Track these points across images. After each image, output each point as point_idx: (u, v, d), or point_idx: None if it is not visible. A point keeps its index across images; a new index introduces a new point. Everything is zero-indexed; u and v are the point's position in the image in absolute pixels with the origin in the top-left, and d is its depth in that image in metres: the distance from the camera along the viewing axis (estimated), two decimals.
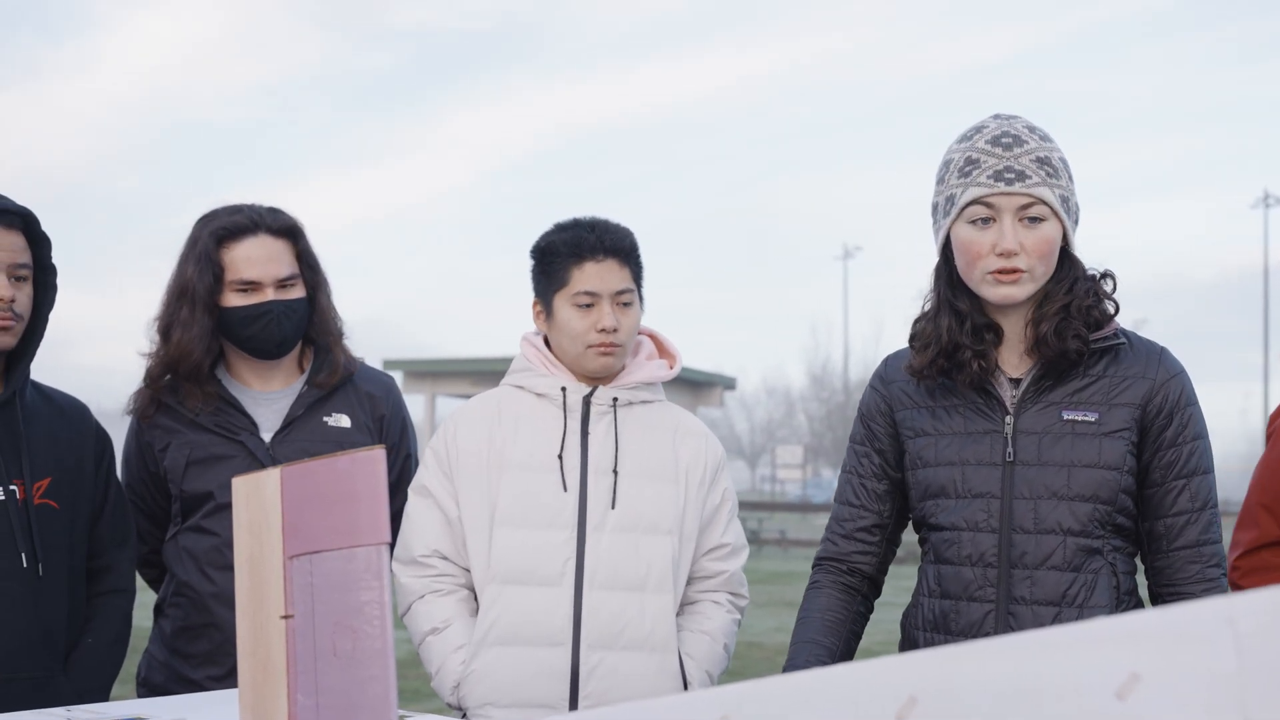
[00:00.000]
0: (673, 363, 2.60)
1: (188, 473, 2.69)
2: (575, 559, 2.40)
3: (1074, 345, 2.05)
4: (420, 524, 2.48)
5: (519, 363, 2.56)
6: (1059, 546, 2.04)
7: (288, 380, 2.80)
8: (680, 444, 2.53)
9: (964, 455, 2.12)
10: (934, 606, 2.15)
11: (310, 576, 1.47)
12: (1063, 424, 2.06)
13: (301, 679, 1.45)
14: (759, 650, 9.87)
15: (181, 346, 2.67)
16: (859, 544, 2.27)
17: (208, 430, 2.71)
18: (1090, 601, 2.04)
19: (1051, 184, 2.04)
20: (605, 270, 2.45)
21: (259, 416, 2.74)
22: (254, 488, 1.53)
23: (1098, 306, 2.07)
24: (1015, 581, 2.06)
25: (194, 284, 2.66)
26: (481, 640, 2.39)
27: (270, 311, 2.68)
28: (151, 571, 2.87)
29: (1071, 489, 2.04)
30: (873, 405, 2.27)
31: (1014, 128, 2.08)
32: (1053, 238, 2.05)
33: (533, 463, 2.44)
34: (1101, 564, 2.06)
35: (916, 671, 1.05)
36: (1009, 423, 2.10)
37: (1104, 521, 2.05)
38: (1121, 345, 2.09)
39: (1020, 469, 2.07)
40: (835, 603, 2.25)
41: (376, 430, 2.83)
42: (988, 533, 2.09)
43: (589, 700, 2.35)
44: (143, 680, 2.78)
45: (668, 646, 2.42)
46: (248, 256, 2.67)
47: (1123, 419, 2.05)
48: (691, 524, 2.49)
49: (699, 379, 28.34)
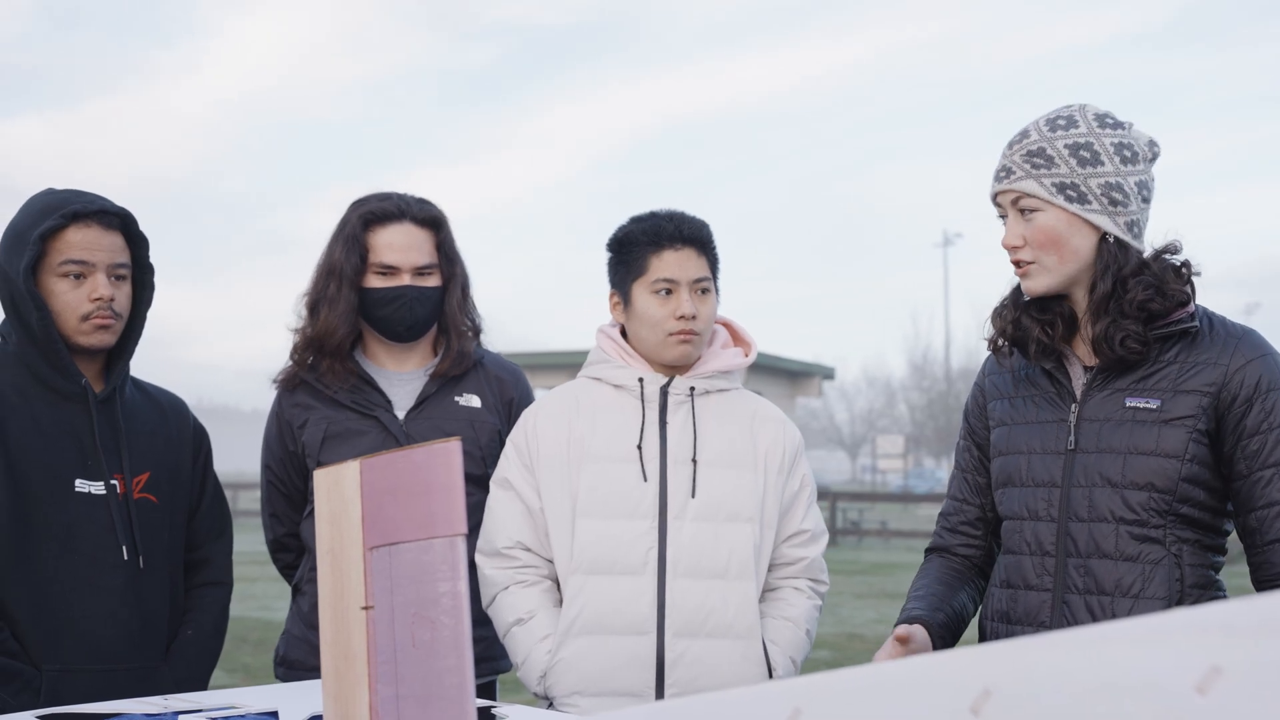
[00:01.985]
0: (748, 350, 2.61)
1: (324, 447, 2.80)
2: (657, 548, 2.41)
3: (1130, 347, 2.01)
4: (502, 516, 2.50)
5: (595, 355, 2.58)
6: (1112, 535, 2.00)
7: (421, 363, 2.91)
8: (758, 431, 2.53)
9: (1031, 444, 2.11)
10: (1001, 596, 2.14)
11: (389, 568, 1.49)
12: (1125, 411, 2.03)
13: (381, 669, 1.47)
14: (860, 642, 9.80)
15: (328, 323, 2.80)
16: (963, 536, 2.29)
17: (345, 407, 2.82)
18: (1146, 593, 1.98)
19: (1039, 175, 2.03)
20: (683, 258, 2.47)
21: (394, 395, 2.85)
22: (334, 479, 1.55)
23: (1156, 299, 2.01)
24: (1070, 570, 2.04)
25: (341, 263, 2.79)
26: (567, 630, 2.41)
27: (404, 295, 2.79)
28: (286, 556, 2.98)
29: (1126, 477, 2.00)
30: (972, 400, 2.31)
31: (1036, 122, 2.09)
32: (1049, 227, 2.03)
33: (612, 453, 2.46)
34: (1162, 555, 1.99)
35: (991, 663, 1.03)
36: (1074, 410, 2.08)
37: (1163, 510, 1.99)
38: (1194, 329, 2.03)
39: (1080, 457, 2.05)
40: (946, 573, 2.27)
41: (506, 412, 2.92)
42: (1047, 521, 2.07)
43: (675, 688, 2.36)
44: (281, 659, 2.89)
45: (752, 633, 2.42)
46: (390, 242, 2.80)
47: (1188, 406, 1.99)
48: (771, 510, 2.49)
49: (797, 369, 28.18)
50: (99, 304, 2.41)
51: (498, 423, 2.88)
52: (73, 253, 2.40)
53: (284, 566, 2.99)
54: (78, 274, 2.41)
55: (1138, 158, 2.05)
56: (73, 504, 2.39)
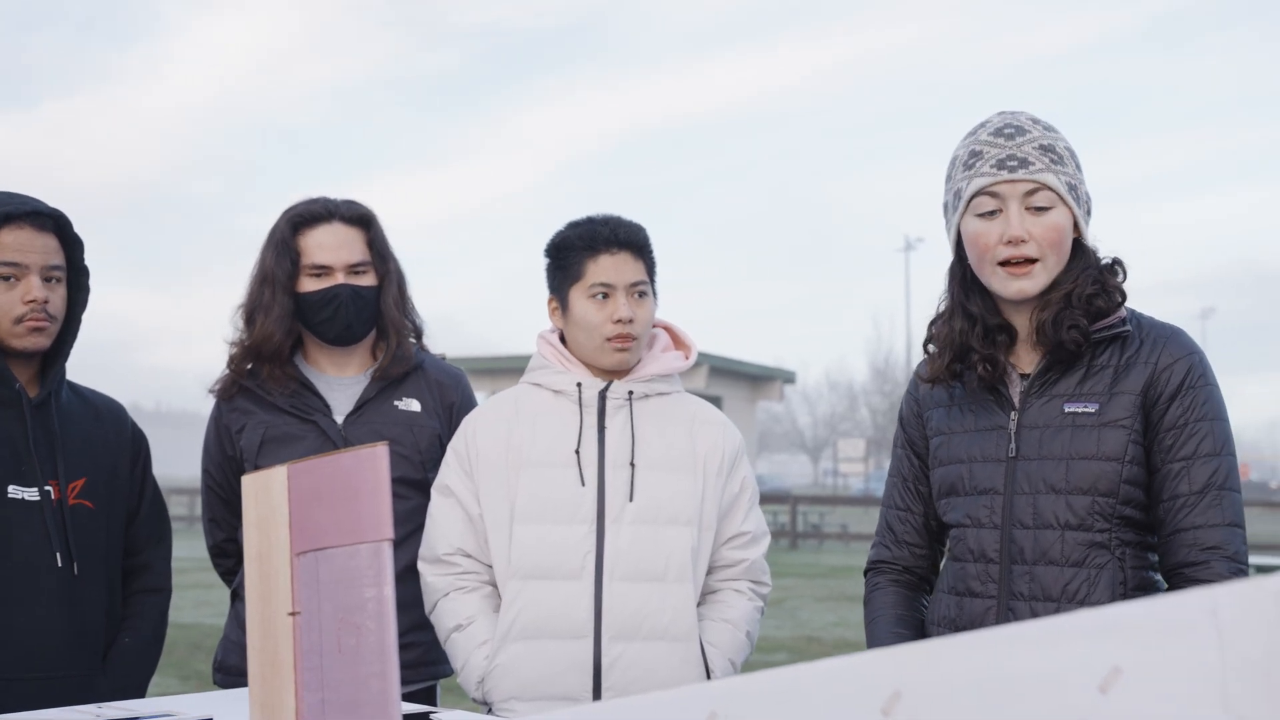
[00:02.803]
0: (688, 354, 2.61)
1: (262, 451, 2.80)
2: (595, 552, 2.41)
3: (1070, 336, 2.01)
4: (443, 523, 2.50)
5: (536, 360, 2.59)
6: (1057, 541, 2.01)
7: (362, 367, 2.90)
8: (698, 434, 2.53)
9: (972, 452, 2.11)
10: (948, 603, 2.14)
11: (316, 573, 1.48)
12: (1064, 416, 2.03)
13: (308, 675, 1.46)
14: (818, 645, 9.82)
15: (264, 330, 2.79)
16: (909, 548, 2.27)
17: (283, 411, 2.82)
18: (1092, 598, 1.99)
19: (1056, 170, 2.01)
20: (619, 262, 2.48)
21: (332, 399, 2.85)
22: (262, 485, 1.54)
23: (1100, 295, 2.02)
24: (1015, 577, 2.04)
25: (273, 269, 2.79)
26: (505, 635, 2.41)
27: (339, 295, 2.78)
28: (226, 562, 2.96)
29: (1069, 483, 2.00)
30: (907, 408, 2.28)
31: (1016, 119, 2.06)
32: (1061, 225, 2.02)
33: (551, 459, 2.46)
34: (1106, 559, 2.00)
35: (902, 665, 1.04)
36: (1014, 418, 2.08)
37: (1106, 514, 2.00)
38: (1126, 333, 2.04)
39: (1022, 464, 2.05)
40: (901, 599, 2.25)
41: (447, 417, 2.91)
42: (990, 529, 2.07)
43: (612, 692, 2.36)
44: (219, 665, 2.87)
45: (689, 636, 2.42)
46: (320, 242, 2.80)
47: (1124, 408, 2.00)
48: (710, 513, 2.49)
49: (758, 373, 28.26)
50: (33, 306, 2.39)
51: (438, 427, 2.88)
52: (5, 254, 2.37)
53: (224, 572, 2.98)
54: (10, 276, 2.39)
55: None
56: (5, 510, 2.36)
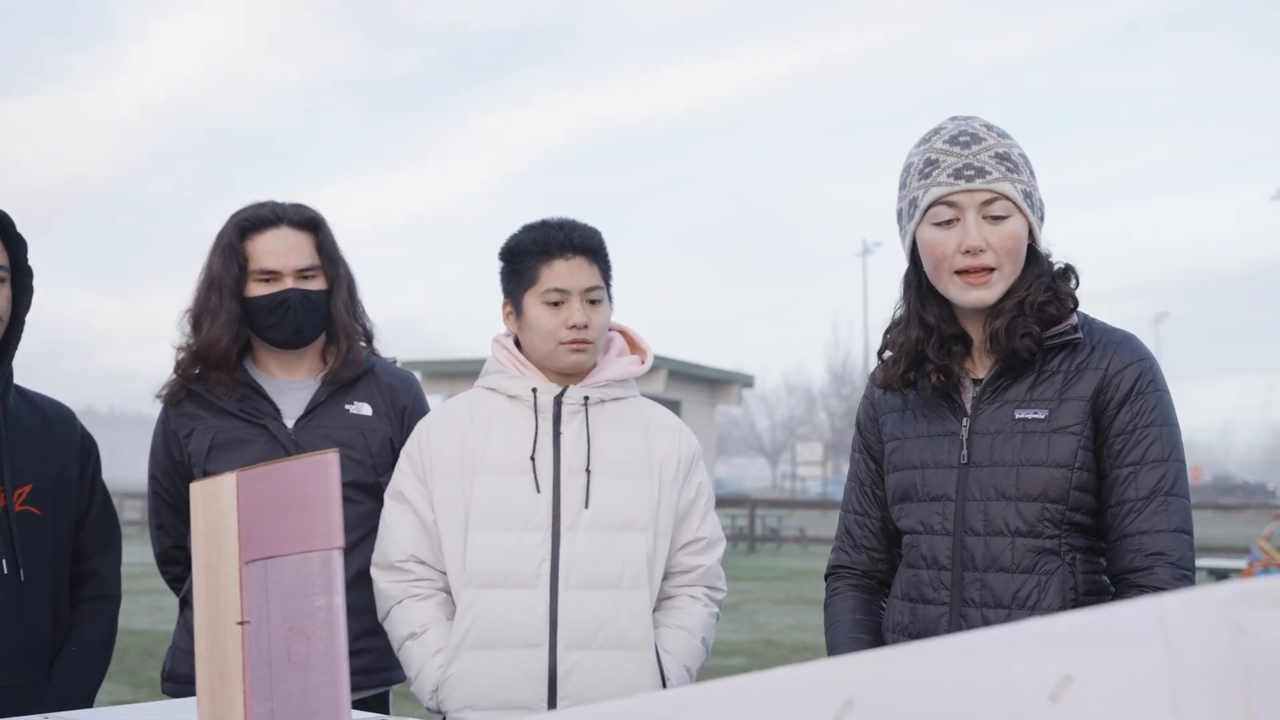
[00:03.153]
0: (644, 358, 2.60)
1: (210, 456, 2.77)
2: (550, 560, 2.39)
3: (1023, 344, 2.01)
4: (396, 529, 2.48)
5: (490, 365, 2.57)
6: (1008, 548, 2.01)
7: (312, 371, 2.88)
8: (653, 439, 2.52)
9: (925, 458, 2.11)
10: (902, 609, 2.14)
11: (265, 582, 1.47)
12: (1014, 423, 2.03)
13: (256, 685, 1.45)
14: (776, 649, 9.83)
15: (210, 335, 2.76)
16: (868, 552, 2.26)
17: (232, 416, 2.79)
18: (1042, 604, 1.99)
19: (1013, 179, 2.01)
20: (574, 267, 2.46)
21: (282, 404, 2.83)
22: (211, 492, 1.52)
23: (1053, 303, 2.03)
24: (966, 584, 2.04)
25: (220, 274, 2.76)
26: (459, 644, 2.38)
27: (288, 300, 2.76)
28: (174, 569, 2.93)
29: (1020, 489, 2.00)
30: (864, 412, 2.28)
31: (971, 126, 2.05)
32: (1018, 233, 2.02)
33: (506, 465, 2.44)
34: (1057, 565, 2.00)
35: (854, 674, 1.04)
36: (966, 424, 2.08)
37: (1057, 520, 2.00)
38: (1077, 339, 2.05)
39: (974, 470, 2.05)
40: (860, 603, 2.24)
41: (399, 420, 2.89)
42: (942, 535, 2.07)
43: (567, 700, 2.35)
44: (168, 674, 2.84)
45: (645, 644, 2.41)
46: (269, 247, 2.77)
47: (1074, 414, 2.00)
48: (666, 519, 2.48)
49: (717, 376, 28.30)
50: None
51: (390, 431, 2.86)
52: None
53: (172, 579, 2.95)
54: None
55: None
56: None
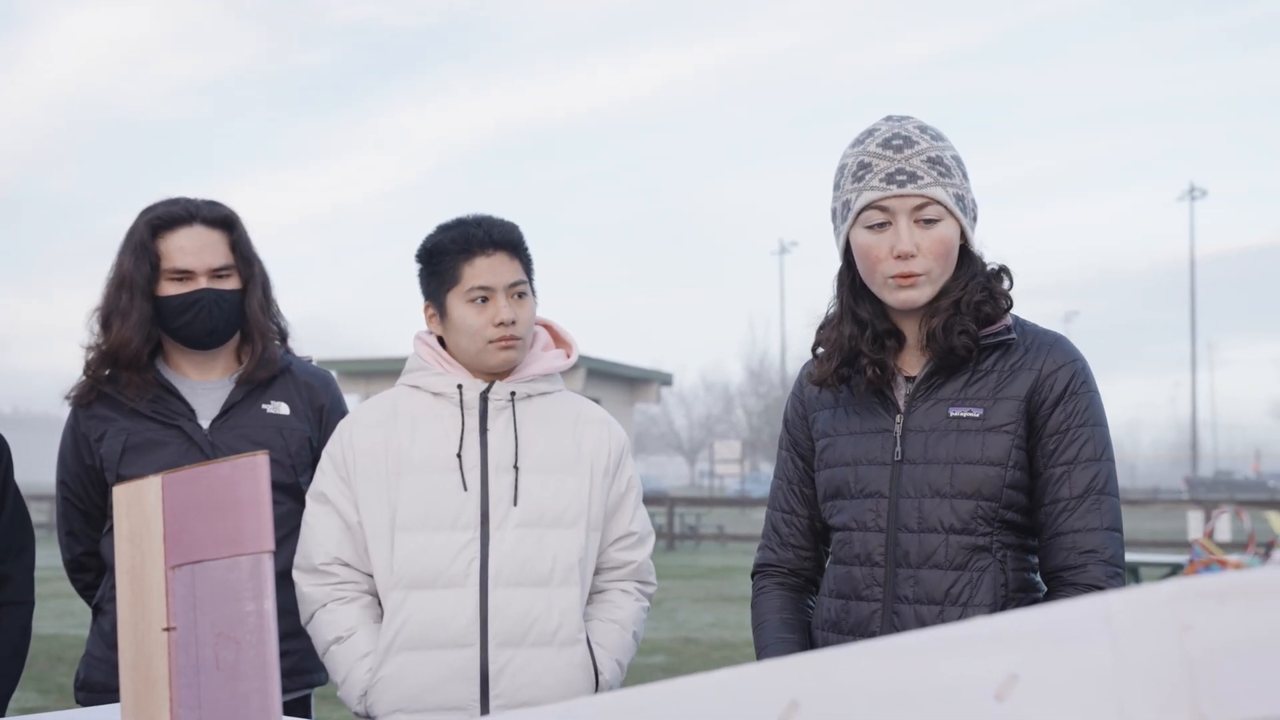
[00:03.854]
0: (570, 352, 2.58)
1: (124, 459, 2.70)
2: (479, 559, 2.36)
3: (960, 342, 2.03)
4: (319, 531, 2.43)
5: (413, 362, 2.52)
6: (941, 545, 2.03)
7: (226, 371, 2.82)
8: (582, 433, 2.50)
9: (857, 455, 2.12)
10: (832, 606, 2.15)
11: (192, 587, 1.44)
12: (949, 421, 2.05)
13: (184, 693, 1.41)
14: (695, 646, 9.86)
15: (121, 336, 2.69)
16: (795, 550, 2.27)
17: (145, 417, 2.73)
18: (974, 600, 2.01)
19: (944, 183, 2.03)
20: (496, 264, 2.43)
21: (197, 404, 2.76)
22: (135, 495, 1.49)
23: (989, 302, 2.05)
24: (900, 581, 2.05)
25: (131, 274, 2.69)
26: (388, 647, 2.35)
27: (201, 300, 2.70)
28: (86, 576, 2.86)
29: (954, 486, 2.02)
30: (792, 410, 2.29)
31: (905, 129, 2.06)
32: (949, 237, 2.04)
33: (432, 464, 2.40)
34: (989, 562, 2.03)
35: (798, 675, 1.03)
36: (899, 421, 2.09)
37: (989, 518, 2.02)
38: (1011, 339, 2.07)
39: (907, 468, 2.06)
40: (786, 601, 2.25)
41: (316, 419, 2.85)
42: (876, 532, 2.08)
43: (500, 700, 2.33)
44: (81, 683, 2.77)
45: (577, 639, 2.39)
46: (181, 246, 2.71)
47: (1007, 413, 2.03)
48: (597, 513, 2.47)
49: (636, 375, 28.33)
50: None
51: (308, 430, 2.82)
52: None
53: (84, 587, 2.87)
54: None
55: None
56: None
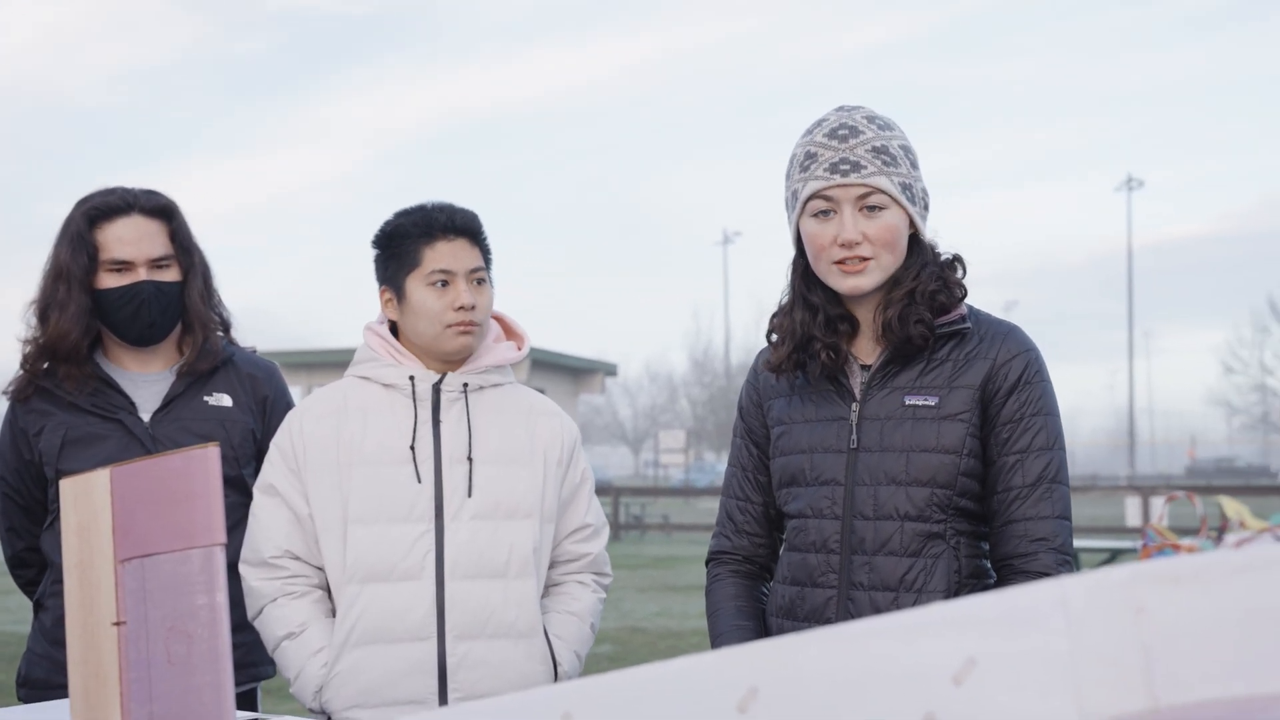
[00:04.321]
0: (521, 344, 2.57)
1: (63, 453, 2.66)
2: (435, 551, 2.35)
3: (917, 330, 2.05)
4: (269, 524, 2.41)
5: (363, 353, 2.50)
6: (896, 532, 2.05)
7: (167, 363, 2.78)
8: (535, 425, 2.50)
9: (813, 443, 2.14)
10: (787, 593, 2.16)
11: (143, 581, 1.42)
12: (904, 409, 2.07)
13: (134, 688, 1.40)
14: (641, 635, 9.89)
15: (59, 328, 2.64)
16: (750, 538, 2.28)
17: (85, 411, 2.68)
18: (928, 586, 2.04)
19: (889, 172, 2.05)
20: (458, 248, 2.42)
21: (137, 397, 2.72)
22: (82, 489, 1.47)
23: (943, 291, 2.07)
24: (855, 568, 2.08)
25: (69, 265, 2.65)
26: (344, 642, 2.33)
27: (141, 292, 2.66)
28: (27, 572, 2.82)
29: (909, 474, 2.05)
30: (746, 398, 2.30)
31: (852, 119, 2.08)
32: (894, 225, 2.06)
33: (384, 456, 2.39)
34: (943, 549, 2.05)
35: (757, 662, 1.04)
36: (855, 409, 2.11)
37: (943, 505, 2.05)
38: (966, 329, 2.10)
39: (863, 455, 2.08)
40: (741, 589, 2.26)
41: (260, 411, 2.82)
42: (831, 519, 2.10)
43: (458, 693, 2.32)
44: (23, 679, 2.73)
45: (534, 631, 2.39)
46: (120, 236, 2.67)
47: (962, 401, 2.05)
48: (551, 505, 2.46)
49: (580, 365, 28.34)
50: None
51: (251, 422, 2.79)
52: None
53: (25, 583, 2.82)
54: None
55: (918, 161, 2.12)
56: None
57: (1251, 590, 0.84)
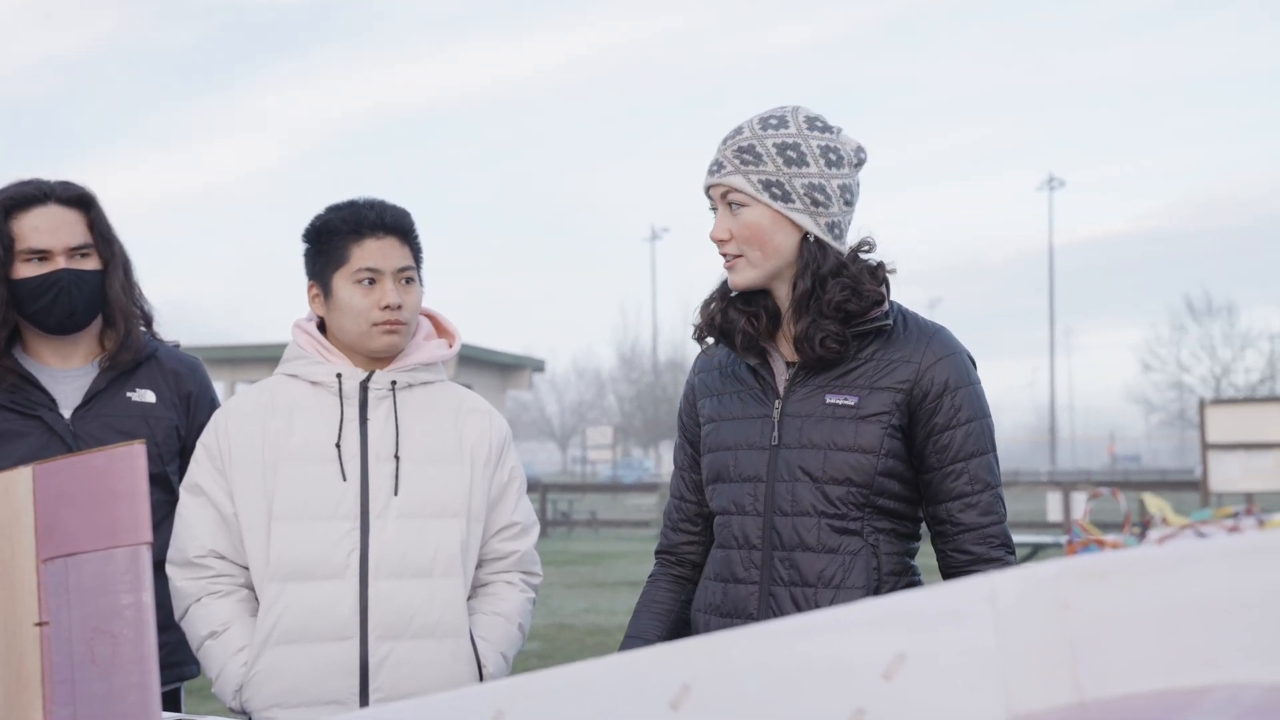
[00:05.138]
0: (452, 341, 2.56)
1: None
2: (359, 549, 2.34)
3: (825, 348, 2.08)
4: (194, 523, 2.38)
5: (292, 350, 2.48)
6: (814, 528, 2.08)
7: (88, 358, 2.73)
8: (464, 423, 2.49)
9: (738, 439, 2.17)
10: (714, 589, 2.19)
11: (66, 580, 1.40)
12: (825, 407, 2.10)
13: (58, 689, 1.38)
14: (569, 632, 9.88)
15: None
16: (685, 534, 2.32)
17: (3, 408, 2.63)
18: (847, 582, 2.07)
19: (747, 171, 2.09)
20: (386, 247, 2.41)
21: (58, 393, 2.67)
22: (3, 487, 1.44)
23: (853, 299, 2.08)
24: (776, 563, 2.10)
25: None
26: (265, 641, 2.31)
27: (60, 280, 2.61)
28: None
29: (826, 472, 2.07)
30: (684, 398, 2.35)
31: (747, 120, 2.14)
32: (754, 222, 2.09)
33: (310, 454, 2.37)
34: (860, 545, 2.08)
35: (690, 659, 1.05)
36: (778, 406, 2.14)
37: (860, 504, 2.08)
38: (889, 327, 2.12)
39: (784, 452, 2.11)
40: (664, 594, 2.32)
41: (184, 407, 2.78)
42: (754, 516, 2.13)
43: (380, 693, 2.30)
44: None
45: (459, 632, 2.38)
46: (36, 225, 2.62)
47: (883, 402, 2.08)
48: (479, 504, 2.45)
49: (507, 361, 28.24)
50: None
51: (175, 418, 2.75)
52: None
53: None
54: None
55: (842, 162, 2.12)
56: None
57: (1174, 586, 0.85)
